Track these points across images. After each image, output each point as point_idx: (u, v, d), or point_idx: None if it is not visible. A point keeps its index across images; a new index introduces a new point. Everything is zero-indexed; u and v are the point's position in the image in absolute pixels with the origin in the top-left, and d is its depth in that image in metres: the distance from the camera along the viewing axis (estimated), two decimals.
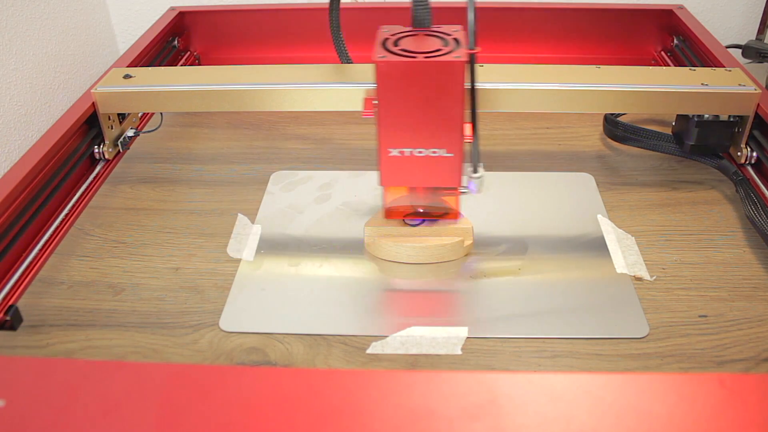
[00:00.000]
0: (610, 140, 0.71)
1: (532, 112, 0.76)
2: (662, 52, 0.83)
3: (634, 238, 0.57)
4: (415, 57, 0.46)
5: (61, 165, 0.57)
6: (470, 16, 0.45)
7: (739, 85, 0.59)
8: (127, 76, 0.63)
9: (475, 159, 0.50)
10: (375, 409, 0.31)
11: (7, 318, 0.47)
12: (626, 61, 0.84)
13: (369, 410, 0.31)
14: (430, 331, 0.48)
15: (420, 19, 0.50)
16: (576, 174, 0.66)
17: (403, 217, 0.56)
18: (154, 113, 0.74)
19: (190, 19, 0.86)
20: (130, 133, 0.67)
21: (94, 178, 0.62)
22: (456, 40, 0.48)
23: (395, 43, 0.48)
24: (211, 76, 0.62)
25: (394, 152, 0.50)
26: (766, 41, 0.86)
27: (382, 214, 0.56)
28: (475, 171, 0.50)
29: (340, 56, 0.58)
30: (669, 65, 0.80)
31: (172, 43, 0.84)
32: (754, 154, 0.60)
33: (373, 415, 0.30)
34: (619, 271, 0.53)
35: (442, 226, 0.55)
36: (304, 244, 0.57)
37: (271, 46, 0.87)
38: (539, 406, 0.30)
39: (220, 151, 0.72)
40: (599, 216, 0.60)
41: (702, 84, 0.59)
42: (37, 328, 0.49)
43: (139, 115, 0.71)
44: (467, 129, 0.49)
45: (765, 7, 0.85)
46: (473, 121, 0.48)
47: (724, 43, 0.75)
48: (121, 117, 0.66)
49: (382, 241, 0.55)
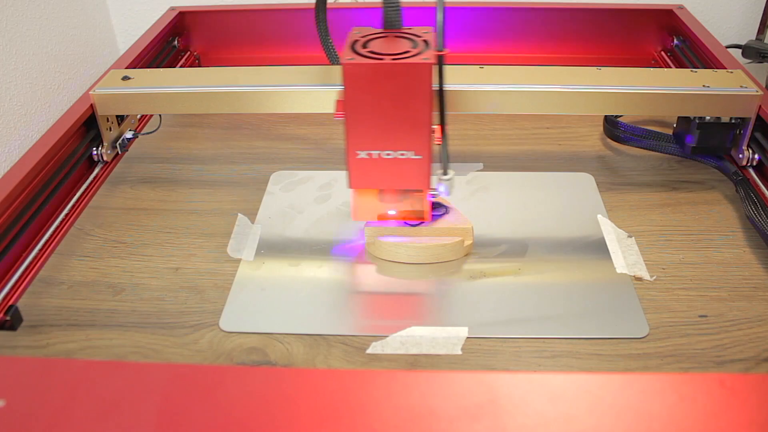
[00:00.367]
0: (610, 140, 0.71)
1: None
2: (662, 52, 0.83)
3: (634, 238, 0.57)
4: (382, 59, 0.46)
5: (60, 166, 0.57)
6: (439, 16, 0.44)
7: (741, 86, 0.59)
8: (126, 78, 0.63)
9: (445, 161, 0.50)
10: (375, 409, 0.31)
11: (7, 318, 0.47)
12: (626, 62, 0.84)
13: (369, 410, 0.31)
14: (430, 331, 0.48)
15: (390, 21, 0.50)
16: (576, 174, 0.66)
17: (377, 219, 0.55)
18: (153, 115, 0.74)
19: (190, 19, 0.86)
20: (129, 134, 0.67)
21: (93, 180, 0.62)
22: (425, 42, 0.48)
23: (364, 45, 0.48)
24: (209, 78, 0.62)
25: (362, 154, 0.49)
26: (766, 41, 0.86)
27: (353, 216, 0.55)
28: (444, 173, 0.50)
29: (329, 58, 0.58)
30: (669, 65, 0.80)
31: (172, 44, 0.84)
32: (756, 156, 0.60)
33: (373, 415, 0.30)
34: (619, 271, 0.53)
35: (442, 227, 0.55)
36: (304, 245, 0.57)
37: (271, 46, 0.87)
38: (539, 406, 0.30)
39: (220, 151, 0.72)
40: (599, 216, 0.60)
41: (703, 86, 0.59)
42: (37, 328, 0.49)
43: (138, 116, 0.71)
44: (437, 131, 0.49)
45: (765, 7, 0.85)
46: (442, 123, 0.48)
47: (724, 43, 0.75)
48: (120, 119, 0.66)
49: (382, 242, 0.55)
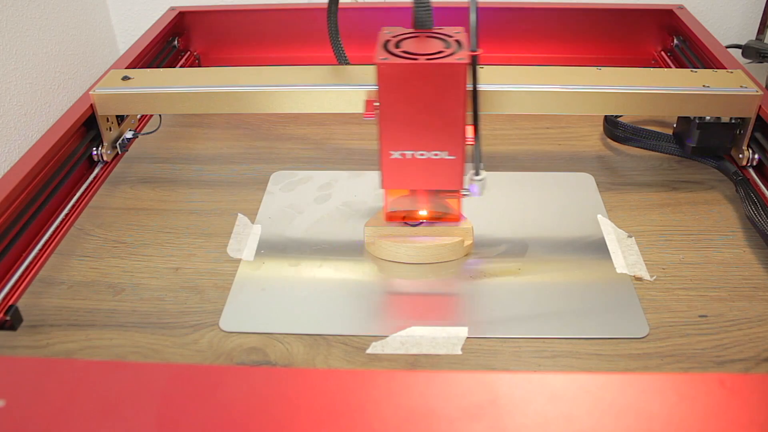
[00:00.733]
0: (610, 140, 0.71)
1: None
2: (662, 52, 0.83)
3: (634, 238, 0.57)
4: (416, 59, 0.46)
5: (60, 166, 0.57)
6: (472, 17, 0.45)
7: (741, 86, 0.59)
8: (126, 78, 0.63)
9: (477, 161, 0.49)
10: (375, 409, 0.31)
11: (7, 318, 0.47)
12: (626, 62, 0.84)
13: (369, 410, 0.31)
14: (430, 331, 0.48)
15: (421, 21, 0.50)
16: (576, 174, 0.66)
17: (403, 220, 0.56)
18: (153, 115, 0.74)
19: (190, 19, 0.86)
20: (129, 134, 0.67)
21: (93, 180, 0.62)
22: (458, 42, 0.48)
23: (397, 45, 0.48)
24: (209, 78, 0.62)
25: (396, 155, 0.49)
26: (766, 41, 0.86)
27: (383, 217, 0.56)
28: (477, 173, 0.50)
29: (337, 57, 0.58)
30: (669, 65, 0.80)
31: (172, 44, 0.84)
32: (756, 156, 0.60)
33: (373, 415, 0.30)
34: (619, 271, 0.53)
35: (442, 227, 0.55)
36: (304, 244, 0.57)
37: (271, 46, 0.87)
38: (539, 406, 0.30)
39: (220, 151, 0.72)
40: (599, 216, 0.60)
41: (703, 86, 0.59)
42: (37, 328, 0.49)
43: (138, 116, 0.71)
44: (469, 131, 0.49)
45: (765, 7, 0.85)
46: (475, 123, 0.48)
47: (724, 43, 0.75)
48: (120, 119, 0.66)
49: (382, 242, 0.55)
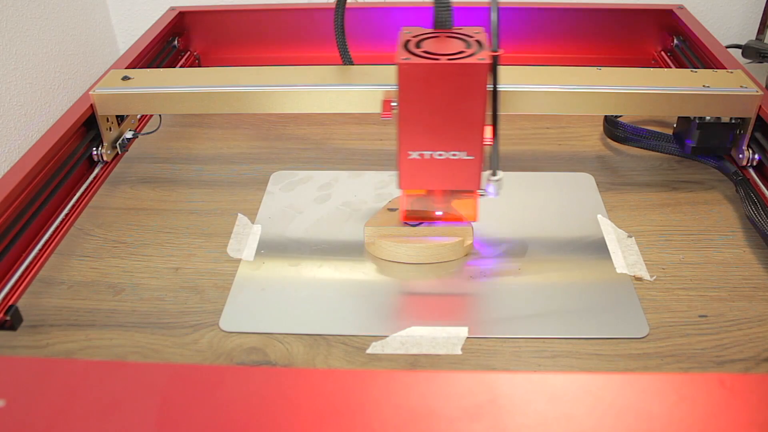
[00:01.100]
0: (610, 140, 0.71)
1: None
2: (662, 52, 0.83)
3: (634, 238, 0.57)
4: (437, 59, 0.46)
5: (60, 166, 0.57)
6: (493, 16, 0.44)
7: (741, 86, 0.59)
8: (126, 78, 0.63)
9: (495, 161, 0.49)
10: (375, 409, 0.31)
11: (7, 318, 0.47)
12: (626, 62, 0.84)
13: (369, 410, 0.31)
14: (430, 331, 0.48)
15: (441, 21, 0.50)
16: (576, 174, 0.66)
17: (420, 221, 0.55)
18: (153, 115, 0.74)
19: (190, 19, 0.86)
20: (129, 134, 0.67)
21: (93, 180, 0.62)
22: (478, 42, 0.48)
23: (417, 45, 0.48)
24: (209, 78, 0.62)
25: (414, 155, 0.49)
26: (766, 41, 0.86)
27: (401, 217, 0.56)
28: (494, 174, 0.50)
29: (342, 57, 0.58)
30: (669, 65, 0.80)
31: (172, 43, 0.84)
32: (756, 156, 0.60)
33: (373, 415, 0.30)
34: (619, 271, 0.53)
35: (442, 226, 0.55)
36: (304, 244, 0.57)
37: (271, 46, 0.87)
38: (539, 406, 0.30)
39: (220, 151, 0.72)
40: (599, 216, 0.60)
41: (704, 86, 0.59)
42: (37, 328, 0.49)
43: (138, 116, 0.71)
44: (487, 131, 0.48)
45: (765, 7, 0.85)
46: (494, 124, 0.48)
47: (724, 43, 0.75)
48: (120, 119, 0.66)
49: (382, 241, 0.55)
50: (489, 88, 0.47)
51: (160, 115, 0.71)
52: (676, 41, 0.81)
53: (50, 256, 0.54)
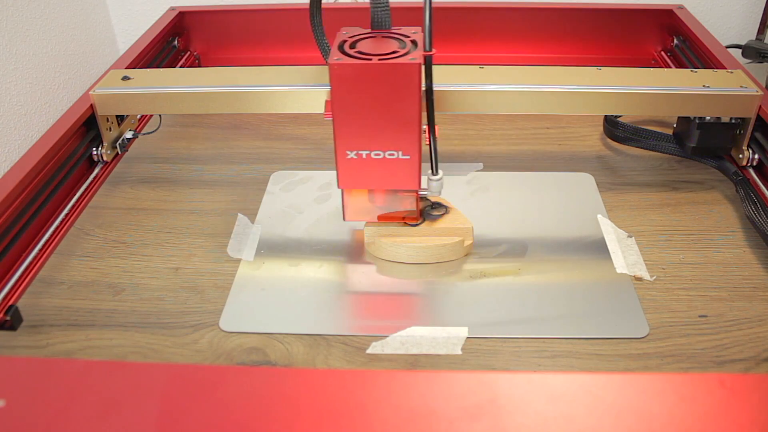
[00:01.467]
0: (610, 140, 0.71)
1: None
2: (662, 52, 0.83)
3: (634, 238, 0.57)
4: (369, 59, 0.46)
5: (60, 166, 0.57)
6: (426, 16, 0.45)
7: (741, 86, 0.59)
8: (126, 78, 0.63)
9: (434, 161, 0.50)
10: (375, 409, 0.31)
11: (7, 318, 0.47)
12: (626, 62, 0.84)
13: (369, 410, 0.31)
14: (430, 331, 0.48)
15: (379, 21, 0.50)
16: (576, 174, 0.66)
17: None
18: (153, 115, 0.74)
19: (190, 19, 0.86)
20: (129, 134, 0.67)
21: (93, 180, 0.62)
22: (413, 42, 0.48)
23: (352, 45, 0.48)
24: (209, 78, 0.62)
25: (351, 154, 0.49)
26: (766, 41, 0.86)
27: (344, 216, 0.55)
28: (434, 173, 0.50)
29: (325, 58, 0.58)
30: (669, 65, 0.80)
31: (172, 44, 0.84)
32: (756, 156, 0.60)
33: (373, 415, 0.30)
34: (619, 271, 0.53)
35: (442, 227, 0.55)
36: (304, 245, 0.57)
37: (271, 46, 0.87)
38: (539, 406, 0.30)
39: (220, 151, 0.72)
40: (599, 216, 0.60)
41: (704, 86, 0.59)
42: (37, 328, 0.49)
43: (138, 116, 0.71)
44: (426, 131, 0.49)
45: (765, 7, 0.85)
46: (430, 123, 0.48)
47: (724, 43, 0.75)
48: (120, 119, 0.66)
49: (382, 241, 0.55)
50: (424, 88, 0.46)
51: (160, 115, 0.71)
52: (676, 41, 0.81)
53: (50, 256, 0.54)
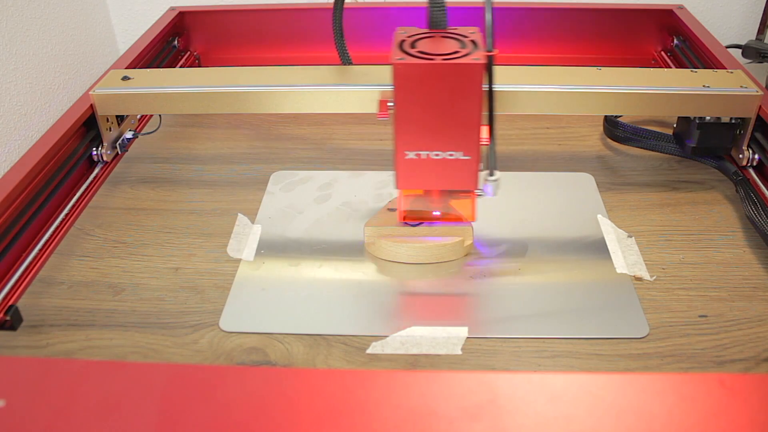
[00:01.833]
0: (610, 140, 0.71)
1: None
2: (662, 52, 0.83)
3: (634, 238, 0.57)
4: (432, 59, 0.46)
5: (60, 166, 0.57)
6: (488, 16, 0.44)
7: (741, 87, 0.59)
8: (126, 78, 0.63)
9: (492, 161, 0.49)
10: (375, 409, 0.31)
11: (7, 318, 0.47)
12: (626, 61, 0.84)
13: (369, 410, 0.31)
14: (430, 331, 0.48)
15: (436, 21, 0.50)
16: (576, 174, 0.66)
17: (419, 221, 0.56)
18: (153, 115, 0.74)
19: (190, 19, 0.86)
20: (129, 135, 0.67)
21: (93, 180, 0.62)
22: (473, 42, 0.48)
23: (412, 45, 0.48)
24: (209, 78, 0.62)
25: (411, 155, 0.49)
26: (766, 41, 0.86)
27: (399, 217, 0.56)
28: (491, 174, 0.50)
29: (341, 57, 0.58)
30: (669, 65, 0.80)
31: (172, 44, 0.84)
32: (756, 156, 0.60)
33: (373, 415, 0.30)
34: (619, 271, 0.53)
35: (442, 226, 0.55)
36: (304, 245, 0.57)
37: (271, 46, 0.87)
38: (539, 406, 0.30)
39: (220, 151, 0.72)
40: (599, 216, 0.60)
41: (704, 86, 0.59)
42: (37, 328, 0.49)
43: (138, 116, 0.71)
44: (484, 131, 0.49)
45: (765, 7, 0.85)
46: (490, 124, 0.48)
47: (724, 43, 0.75)
48: (120, 119, 0.66)
49: (382, 242, 0.55)
50: (485, 88, 0.47)
51: (160, 115, 0.71)
52: (676, 41, 0.81)
53: (50, 256, 0.54)
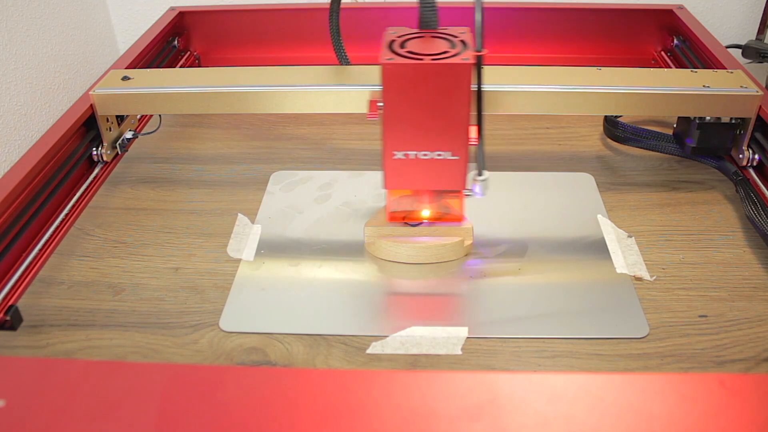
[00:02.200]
0: (610, 140, 0.71)
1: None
2: (662, 52, 0.83)
3: (634, 238, 0.57)
4: (421, 59, 0.46)
5: (60, 166, 0.57)
6: (477, 17, 0.44)
7: (741, 87, 0.59)
8: (126, 78, 0.63)
9: (481, 161, 0.49)
10: (375, 409, 0.31)
11: (7, 318, 0.47)
12: (626, 62, 0.84)
13: (369, 410, 0.31)
14: (430, 331, 0.48)
15: (427, 21, 0.50)
16: (576, 174, 0.66)
17: (403, 220, 0.56)
18: (153, 115, 0.74)
19: (190, 19, 0.86)
20: (129, 135, 0.67)
21: (93, 180, 0.62)
22: (463, 42, 0.48)
23: (402, 45, 0.48)
24: (209, 78, 0.62)
25: (399, 155, 0.49)
26: (766, 41, 0.86)
27: (385, 217, 0.56)
28: (480, 173, 0.50)
29: (338, 57, 0.58)
30: (669, 65, 0.80)
31: (172, 44, 0.84)
32: (756, 156, 0.60)
33: (373, 415, 0.30)
34: (619, 271, 0.53)
35: (442, 227, 0.55)
36: (304, 245, 0.57)
37: (271, 46, 0.87)
38: (539, 406, 0.30)
39: (220, 151, 0.72)
40: (599, 216, 0.60)
41: (704, 86, 0.59)
42: (37, 328, 0.49)
43: (138, 116, 0.71)
44: (472, 131, 0.49)
45: (765, 7, 0.85)
46: (479, 124, 0.48)
47: (724, 43, 0.75)
48: (120, 119, 0.66)
49: (382, 242, 0.55)
50: (473, 88, 0.47)
51: (160, 115, 0.71)
52: (676, 41, 0.81)
53: (50, 256, 0.54)
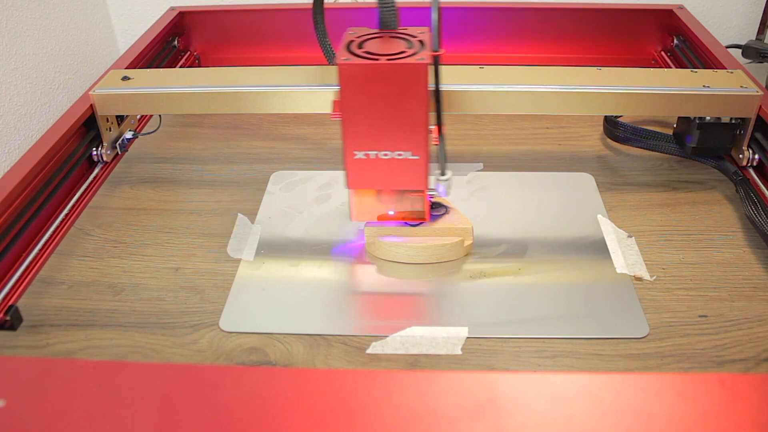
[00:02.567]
0: (610, 140, 0.71)
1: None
2: (662, 52, 0.83)
3: (634, 238, 0.57)
4: (377, 59, 0.46)
5: (60, 166, 0.57)
6: (434, 16, 0.44)
7: (741, 87, 0.59)
8: (126, 78, 0.63)
9: (442, 161, 0.50)
10: (375, 409, 0.31)
11: (7, 318, 0.47)
12: (626, 61, 0.84)
13: (369, 410, 0.31)
14: (430, 331, 0.48)
15: (386, 21, 0.50)
16: (576, 174, 0.66)
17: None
18: (153, 115, 0.74)
19: (190, 19, 0.86)
20: (129, 135, 0.67)
21: (93, 180, 0.62)
22: (421, 42, 0.48)
23: (359, 45, 0.48)
24: (209, 78, 0.62)
25: (360, 154, 0.49)
26: (766, 41, 0.86)
27: (351, 217, 0.55)
28: (442, 173, 0.50)
29: (327, 57, 0.58)
30: (669, 65, 0.80)
31: (172, 44, 0.84)
32: (756, 156, 0.60)
33: (373, 415, 0.30)
34: (619, 271, 0.53)
35: (442, 226, 0.55)
36: (304, 245, 0.57)
37: (271, 46, 0.87)
38: (539, 406, 0.30)
39: (220, 151, 0.72)
40: (599, 216, 0.60)
41: (704, 86, 0.59)
42: (37, 328, 0.49)
43: (138, 116, 0.71)
44: (434, 131, 0.49)
45: (765, 7, 0.85)
46: (439, 124, 0.48)
47: (724, 43, 0.75)
48: (120, 119, 0.66)
49: (382, 242, 0.55)
50: (431, 88, 0.46)
51: (160, 115, 0.71)
52: (676, 41, 0.81)
53: (50, 256, 0.54)
